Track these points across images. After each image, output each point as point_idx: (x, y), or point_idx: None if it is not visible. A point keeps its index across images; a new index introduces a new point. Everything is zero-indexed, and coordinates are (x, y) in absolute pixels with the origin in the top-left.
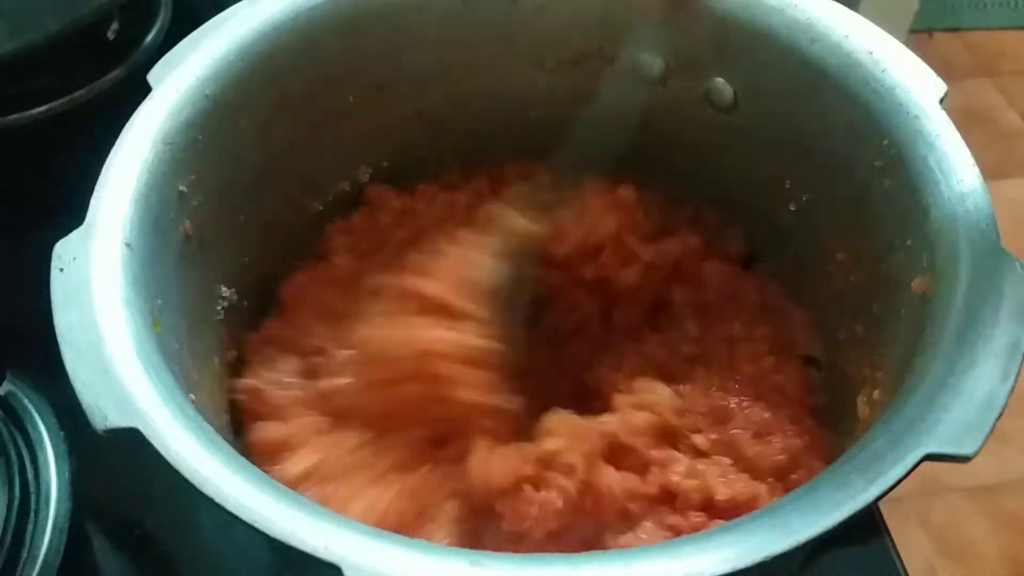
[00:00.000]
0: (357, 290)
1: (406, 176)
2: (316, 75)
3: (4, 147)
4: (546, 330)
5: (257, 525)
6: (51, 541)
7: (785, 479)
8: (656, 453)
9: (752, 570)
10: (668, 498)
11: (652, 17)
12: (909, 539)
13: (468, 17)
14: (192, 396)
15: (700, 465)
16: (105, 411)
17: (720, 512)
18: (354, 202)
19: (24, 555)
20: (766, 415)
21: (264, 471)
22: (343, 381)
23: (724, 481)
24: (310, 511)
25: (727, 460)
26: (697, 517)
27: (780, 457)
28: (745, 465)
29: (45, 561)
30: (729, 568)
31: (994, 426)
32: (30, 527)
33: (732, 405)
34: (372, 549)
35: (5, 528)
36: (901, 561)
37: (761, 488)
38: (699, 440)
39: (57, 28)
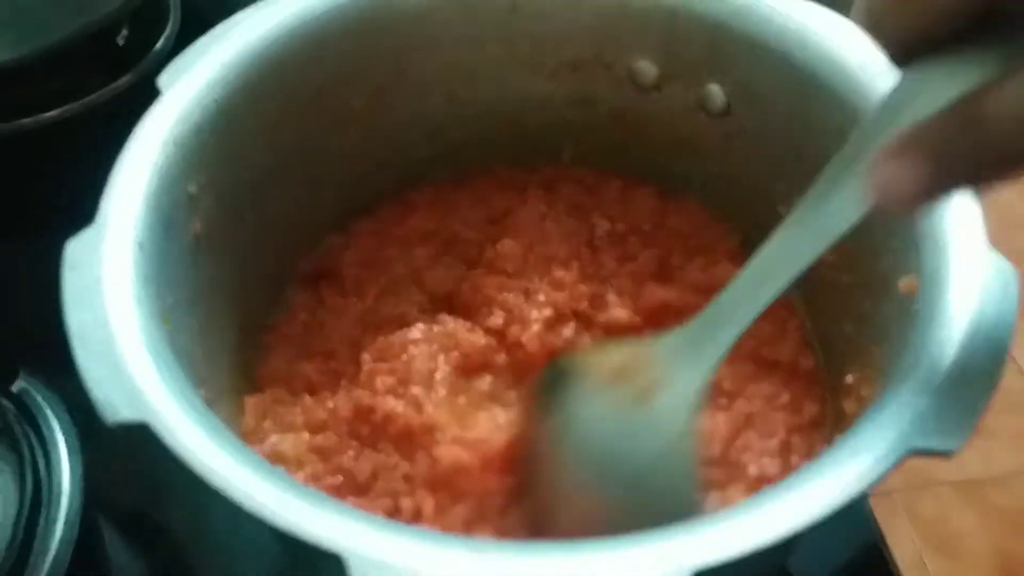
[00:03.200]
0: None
1: (407, 178)
2: (322, 80)
3: (15, 151)
4: None
5: (263, 515)
6: (63, 535)
7: None
8: None
9: (737, 562)
10: None
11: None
12: (899, 532)
13: (469, 23)
14: (202, 391)
15: None
16: (116, 405)
17: None
18: (360, 205)
19: (36, 549)
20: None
21: None
22: None
23: None
24: (315, 501)
25: None
26: None
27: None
28: None
29: (57, 555)
30: (714, 559)
31: (978, 422)
32: (42, 521)
33: None
34: (376, 539)
35: (17, 522)
36: (891, 554)
37: None
38: None
39: (67, 34)
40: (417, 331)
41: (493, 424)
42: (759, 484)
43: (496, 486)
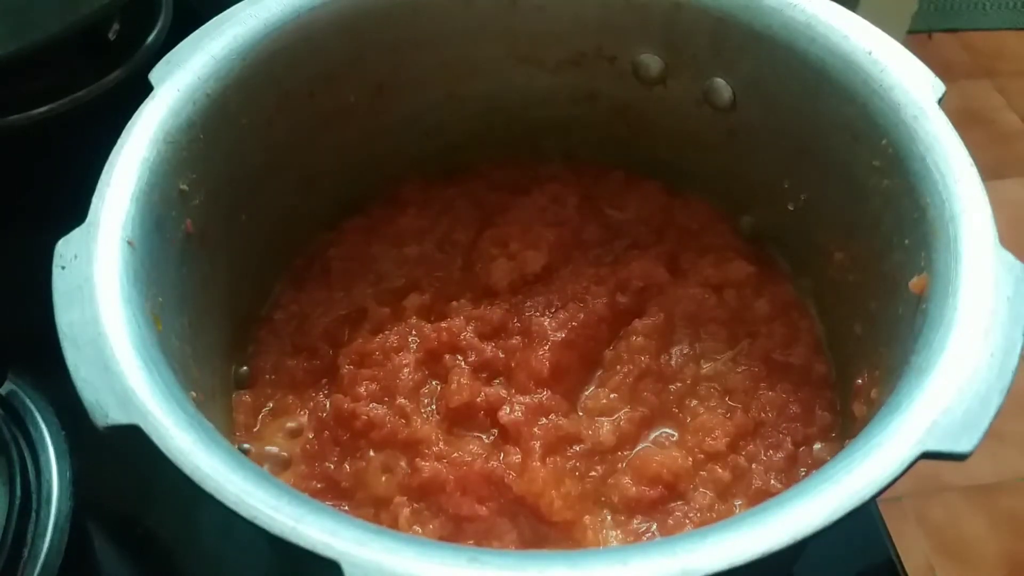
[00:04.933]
0: None
1: (401, 175)
2: (317, 75)
3: (6, 147)
4: None
5: (257, 522)
6: (52, 540)
7: None
8: None
9: (748, 566)
10: None
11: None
12: (908, 538)
13: (468, 17)
14: (193, 393)
15: None
16: (106, 408)
17: None
18: (353, 203)
19: (25, 554)
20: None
21: None
22: None
23: None
24: (310, 508)
25: None
26: None
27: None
28: None
29: (46, 560)
30: (726, 565)
31: (991, 425)
32: (31, 526)
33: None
34: (371, 545)
35: (7, 527)
36: (900, 560)
37: None
38: None
39: (58, 29)
40: (397, 336)
41: (479, 446)
42: (763, 495)
43: (469, 512)
